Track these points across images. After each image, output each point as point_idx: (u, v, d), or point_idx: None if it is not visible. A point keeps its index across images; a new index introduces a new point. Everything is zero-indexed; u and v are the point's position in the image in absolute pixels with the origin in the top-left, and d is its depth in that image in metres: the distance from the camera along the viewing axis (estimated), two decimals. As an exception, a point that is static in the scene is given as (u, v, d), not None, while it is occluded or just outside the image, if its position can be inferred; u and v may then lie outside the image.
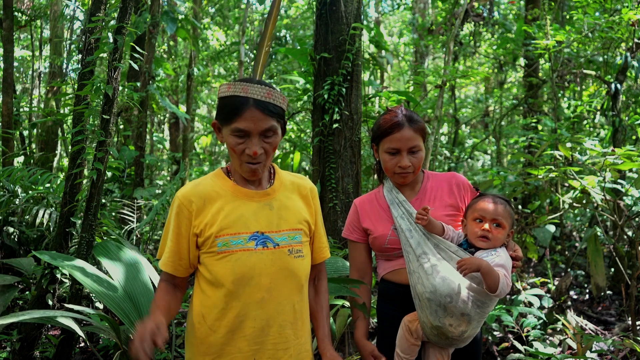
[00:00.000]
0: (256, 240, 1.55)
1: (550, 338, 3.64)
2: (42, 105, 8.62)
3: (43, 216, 3.96)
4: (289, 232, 1.60)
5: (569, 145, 4.35)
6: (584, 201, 4.04)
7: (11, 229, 4.23)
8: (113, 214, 5.08)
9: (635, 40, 5.08)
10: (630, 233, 4.38)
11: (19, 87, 12.04)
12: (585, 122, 7.63)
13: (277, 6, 3.67)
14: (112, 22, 2.99)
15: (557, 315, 3.79)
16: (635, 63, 5.15)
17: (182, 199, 1.57)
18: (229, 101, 1.49)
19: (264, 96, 1.49)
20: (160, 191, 7.83)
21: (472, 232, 1.78)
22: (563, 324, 3.52)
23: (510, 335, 3.72)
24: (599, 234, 4.79)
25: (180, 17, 6.74)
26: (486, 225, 1.75)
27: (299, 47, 5.31)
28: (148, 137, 10.59)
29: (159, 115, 12.85)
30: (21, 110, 7.32)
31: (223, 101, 1.51)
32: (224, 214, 1.55)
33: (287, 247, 1.58)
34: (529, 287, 4.40)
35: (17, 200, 4.30)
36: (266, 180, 1.65)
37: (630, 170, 4.49)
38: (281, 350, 1.56)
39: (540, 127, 6.97)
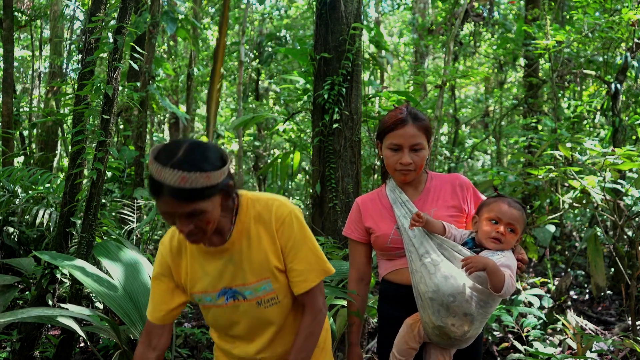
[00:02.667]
0: (225, 295, 1.60)
1: (550, 338, 3.64)
2: (42, 105, 8.62)
3: (43, 216, 3.96)
4: (254, 285, 1.58)
5: (569, 145, 4.34)
6: (584, 201, 4.04)
7: (11, 229, 4.23)
8: (113, 214, 5.08)
9: (635, 40, 5.07)
10: (630, 233, 4.38)
11: (19, 87, 12.04)
12: (585, 122, 7.62)
13: (222, 46, 3.69)
14: (112, 22, 2.99)
15: (557, 315, 3.78)
16: (635, 63, 5.14)
17: (161, 252, 1.65)
18: (149, 179, 1.37)
19: (176, 182, 1.31)
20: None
21: (484, 232, 1.76)
22: (563, 324, 3.52)
23: (510, 335, 3.72)
24: (599, 234, 4.79)
25: (180, 17, 6.74)
26: (501, 228, 1.73)
27: (299, 47, 5.31)
28: (148, 137, 10.57)
29: (159, 115, 12.84)
30: (21, 110, 7.32)
31: (149, 175, 1.38)
32: (192, 271, 1.61)
33: (256, 300, 1.59)
34: (529, 287, 4.40)
35: (17, 200, 4.29)
36: (227, 228, 1.55)
37: (630, 170, 4.48)
38: None
39: (540, 127, 6.96)
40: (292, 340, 1.66)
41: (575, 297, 5.17)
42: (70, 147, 3.10)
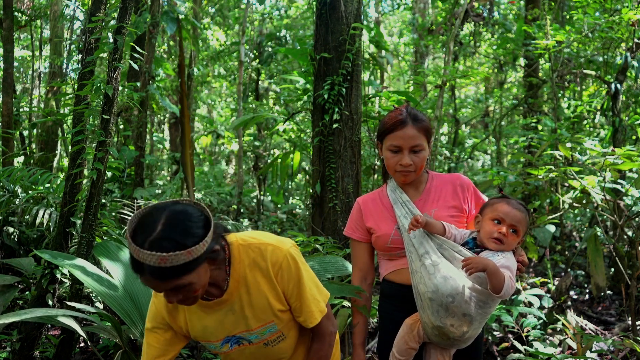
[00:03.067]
0: (229, 343, 1.59)
1: (550, 338, 3.64)
2: (42, 105, 8.62)
3: (43, 216, 3.95)
4: (259, 330, 1.57)
5: (569, 145, 4.34)
6: (584, 201, 4.04)
7: (11, 229, 4.22)
8: (113, 214, 5.08)
9: (635, 40, 5.07)
10: (630, 233, 4.38)
11: (19, 87, 12.03)
12: (585, 122, 7.62)
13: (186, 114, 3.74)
14: (112, 22, 2.99)
15: (557, 315, 3.78)
16: (635, 63, 5.14)
17: (157, 308, 1.59)
18: (130, 257, 1.32)
19: (155, 263, 1.26)
20: (160, 191, 7.82)
21: (486, 232, 1.76)
22: (563, 324, 3.52)
23: (510, 335, 3.72)
24: (599, 234, 4.79)
25: (180, 17, 6.74)
26: (504, 229, 1.73)
27: (299, 47, 5.31)
28: (148, 137, 10.58)
29: (159, 115, 12.85)
30: (21, 110, 7.32)
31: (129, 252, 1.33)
32: (191, 324, 1.58)
33: (262, 342, 1.60)
34: (529, 287, 4.40)
35: (17, 200, 4.29)
36: (222, 279, 1.52)
37: (630, 170, 4.48)
38: None
39: (540, 127, 6.96)
40: None
41: (575, 297, 5.17)
42: (70, 147, 3.10)
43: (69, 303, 2.78)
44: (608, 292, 4.99)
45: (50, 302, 3.06)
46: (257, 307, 1.53)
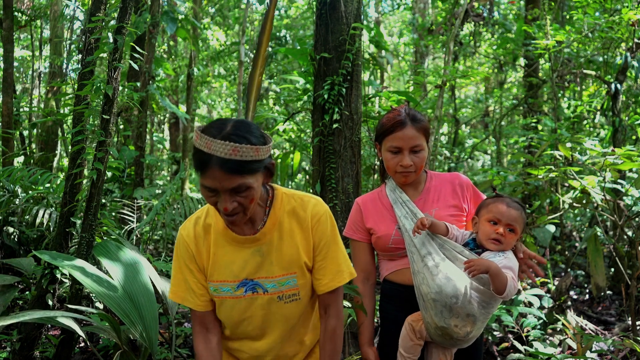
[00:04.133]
0: (245, 287, 1.56)
1: (550, 338, 3.64)
2: (42, 105, 8.62)
3: (43, 216, 3.96)
4: (279, 279, 1.56)
5: (569, 145, 4.34)
6: (584, 201, 4.04)
7: (11, 229, 4.22)
8: (113, 214, 5.08)
9: (635, 40, 5.07)
10: (630, 233, 4.38)
11: (19, 87, 12.03)
12: (585, 122, 7.62)
13: (271, 14, 3.67)
14: (112, 22, 2.99)
15: (557, 315, 3.78)
16: (635, 63, 5.14)
17: (184, 239, 1.59)
18: (196, 154, 1.37)
19: (228, 154, 1.32)
20: (160, 191, 7.83)
21: (484, 233, 1.76)
22: (563, 324, 3.52)
23: (510, 335, 3.72)
24: (599, 234, 4.79)
25: (180, 17, 6.74)
26: (501, 229, 1.73)
27: (299, 47, 5.31)
28: (148, 137, 10.58)
29: (159, 115, 12.85)
30: (21, 110, 7.32)
31: (193, 150, 1.39)
32: (214, 258, 1.57)
33: (277, 294, 1.57)
34: (529, 287, 4.40)
35: (17, 200, 4.29)
36: (260, 218, 1.55)
37: (630, 170, 4.48)
38: None
39: (540, 127, 6.96)
40: (300, 341, 1.66)
41: (575, 297, 5.17)
42: (70, 147, 3.09)
43: (68, 306, 2.78)
44: (608, 292, 4.99)
45: (50, 303, 3.06)
46: (285, 254, 1.55)
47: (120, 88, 3.12)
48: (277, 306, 1.58)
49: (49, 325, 3.33)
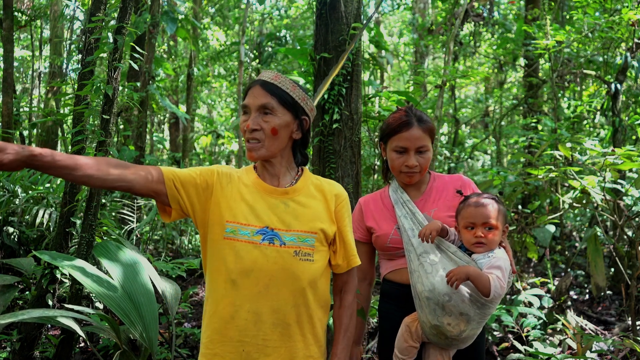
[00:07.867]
0: (264, 235, 1.55)
1: (550, 338, 3.64)
2: (42, 105, 8.63)
3: (43, 216, 3.96)
4: (299, 234, 1.57)
5: (569, 145, 4.34)
6: (584, 201, 4.04)
7: (11, 229, 4.23)
8: (113, 214, 5.08)
9: (635, 40, 5.08)
10: (630, 233, 4.38)
11: (19, 87, 12.04)
12: (585, 122, 7.63)
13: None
14: (112, 22, 2.99)
15: (557, 315, 3.78)
16: (635, 63, 5.14)
17: (218, 168, 1.65)
18: (246, 89, 1.63)
19: (270, 78, 1.59)
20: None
21: (465, 240, 1.77)
22: (563, 324, 3.52)
23: (510, 335, 3.72)
24: (599, 234, 4.79)
25: (180, 17, 6.74)
26: (479, 232, 1.72)
27: (299, 47, 5.31)
28: (148, 137, 10.59)
29: (159, 115, 12.86)
30: (21, 110, 7.32)
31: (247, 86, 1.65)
32: (240, 201, 1.59)
33: (295, 248, 1.55)
34: (529, 287, 4.40)
35: (17, 200, 4.29)
36: (290, 178, 1.65)
37: (630, 170, 4.48)
38: (271, 347, 1.54)
39: (540, 127, 6.96)
40: (303, 334, 1.58)
41: (575, 297, 5.17)
42: (70, 147, 3.10)
43: (68, 306, 2.78)
44: (608, 292, 4.99)
45: (50, 302, 3.06)
46: (309, 214, 1.60)
47: (120, 88, 3.12)
48: (290, 262, 1.54)
49: (49, 325, 3.33)
